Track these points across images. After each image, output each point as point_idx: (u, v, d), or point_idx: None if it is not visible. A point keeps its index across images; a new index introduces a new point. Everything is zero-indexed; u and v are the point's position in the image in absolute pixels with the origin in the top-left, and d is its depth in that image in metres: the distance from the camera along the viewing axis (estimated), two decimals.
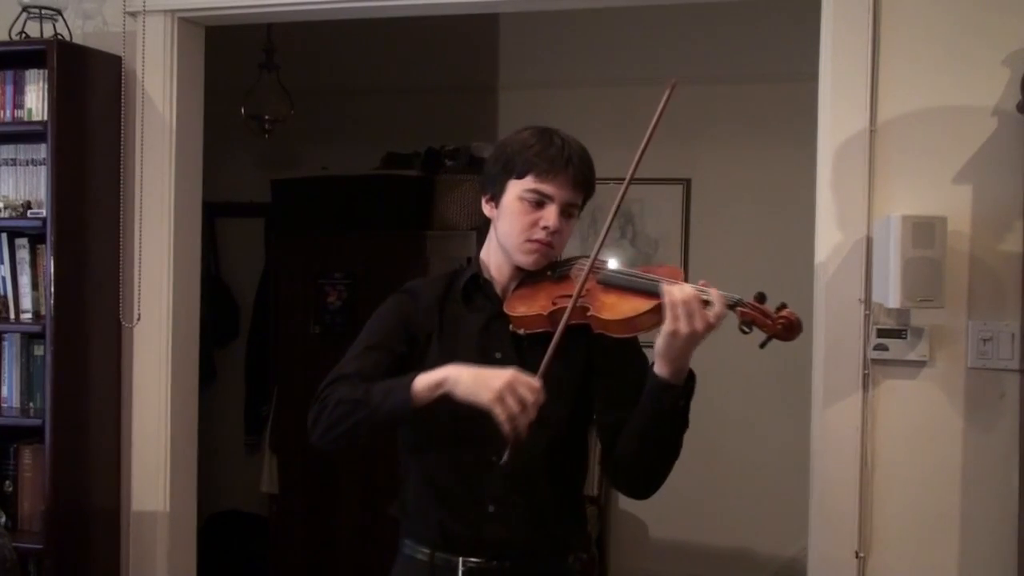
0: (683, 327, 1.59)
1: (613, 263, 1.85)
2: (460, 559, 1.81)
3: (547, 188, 1.78)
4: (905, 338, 2.53)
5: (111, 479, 3.14)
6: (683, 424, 1.72)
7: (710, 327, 1.60)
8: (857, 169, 2.55)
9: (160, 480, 3.14)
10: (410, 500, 1.90)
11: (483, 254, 1.92)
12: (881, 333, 2.55)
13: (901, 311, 2.51)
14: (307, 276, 4.37)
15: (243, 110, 4.49)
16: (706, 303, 1.61)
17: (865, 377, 2.56)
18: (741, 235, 4.49)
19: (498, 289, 1.88)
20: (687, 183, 4.56)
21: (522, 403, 1.61)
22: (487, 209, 1.89)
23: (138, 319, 3.02)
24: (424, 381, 1.68)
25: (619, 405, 1.79)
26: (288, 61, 4.53)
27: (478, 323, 1.86)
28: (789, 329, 1.61)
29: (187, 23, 3.16)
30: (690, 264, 4.55)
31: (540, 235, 1.79)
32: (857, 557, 2.55)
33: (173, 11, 3.09)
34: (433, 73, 4.73)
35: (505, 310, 1.81)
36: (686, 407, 1.70)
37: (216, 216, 4.88)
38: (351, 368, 1.83)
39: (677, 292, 1.61)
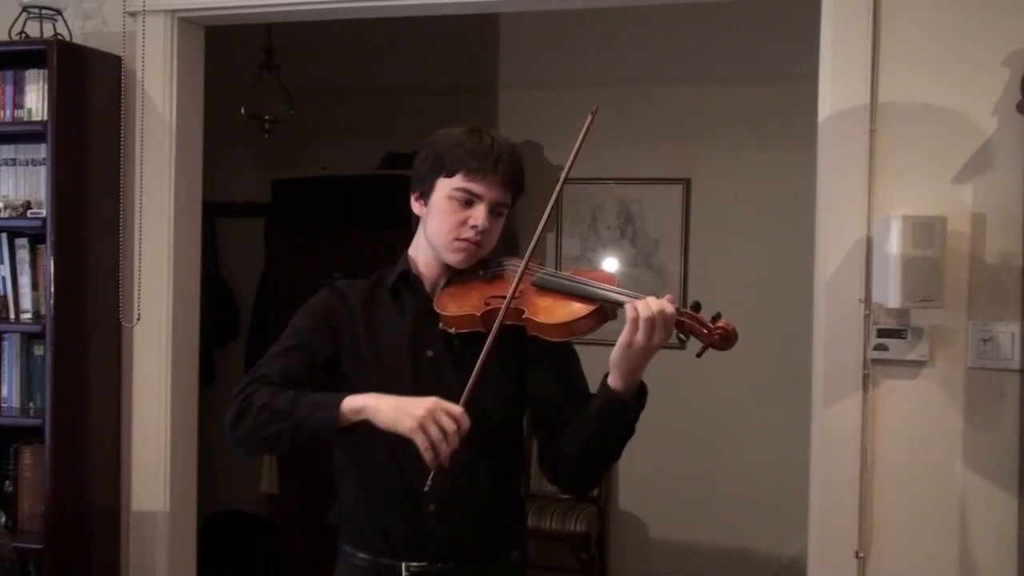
0: (640, 339, 1.60)
1: (547, 267, 1.82)
2: (403, 564, 1.81)
3: (476, 187, 1.77)
4: (905, 338, 2.53)
5: (111, 479, 3.14)
6: (630, 434, 1.73)
7: (664, 340, 1.62)
8: (857, 169, 2.55)
9: (160, 480, 3.14)
10: (348, 505, 1.91)
11: (411, 251, 1.90)
12: (881, 333, 2.55)
13: (901, 311, 2.51)
14: (307, 276, 4.36)
15: (243, 110, 4.49)
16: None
17: (865, 377, 2.56)
18: (741, 235, 4.49)
19: (427, 286, 1.87)
20: (687, 183, 4.56)
21: (443, 431, 1.59)
22: (416, 207, 1.87)
23: (138, 319, 3.02)
24: (350, 404, 1.67)
25: (554, 405, 1.81)
26: (288, 61, 4.54)
27: (408, 321, 1.85)
28: (726, 339, 1.63)
29: (187, 23, 3.16)
30: (690, 264, 4.56)
31: (469, 234, 1.78)
32: (857, 557, 2.55)
33: (173, 11, 3.09)
34: (433, 73, 4.72)
35: (436, 308, 1.81)
36: (635, 419, 1.71)
37: (216, 216, 4.87)
38: (274, 368, 1.81)
39: (643, 307, 1.61)
